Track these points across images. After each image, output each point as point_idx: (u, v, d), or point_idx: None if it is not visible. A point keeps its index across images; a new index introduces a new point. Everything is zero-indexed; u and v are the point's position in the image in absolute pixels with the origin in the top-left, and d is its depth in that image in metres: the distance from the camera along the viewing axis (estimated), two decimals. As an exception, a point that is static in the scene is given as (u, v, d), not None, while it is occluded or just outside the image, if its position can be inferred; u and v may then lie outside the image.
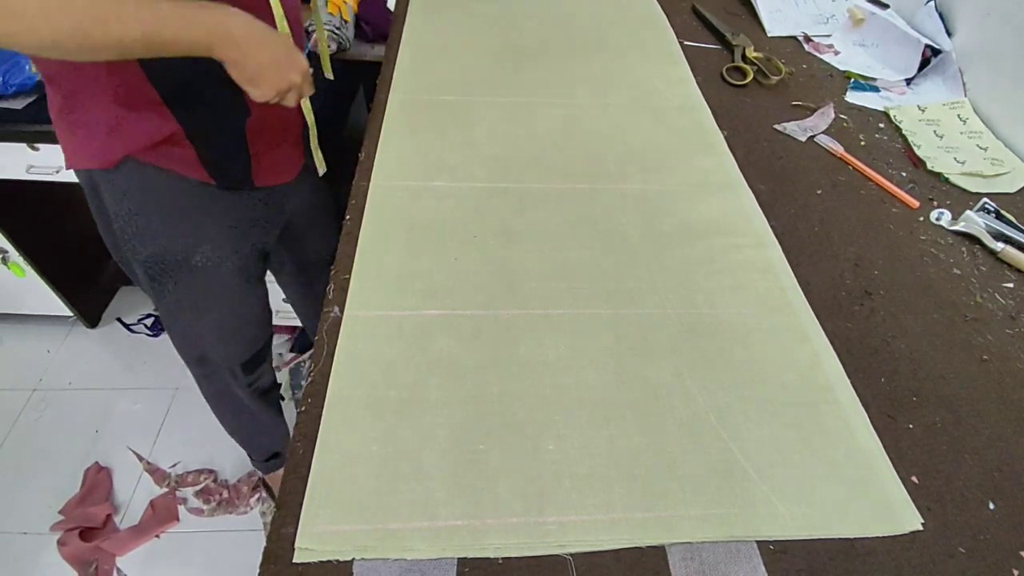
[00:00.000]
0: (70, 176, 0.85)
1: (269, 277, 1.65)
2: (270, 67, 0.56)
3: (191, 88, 0.61)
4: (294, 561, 0.38)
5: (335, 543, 0.39)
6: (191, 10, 0.51)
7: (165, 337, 1.48)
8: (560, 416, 0.46)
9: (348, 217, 0.60)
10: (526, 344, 0.50)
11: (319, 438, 0.44)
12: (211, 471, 1.24)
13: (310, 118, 0.72)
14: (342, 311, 0.51)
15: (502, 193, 0.64)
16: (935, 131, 0.78)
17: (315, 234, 0.93)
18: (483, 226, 0.60)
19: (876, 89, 0.86)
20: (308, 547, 0.38)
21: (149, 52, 0.51)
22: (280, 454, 1.09)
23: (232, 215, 0.72)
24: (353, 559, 0.38)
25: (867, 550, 0.41)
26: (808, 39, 0.95)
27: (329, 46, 1.34)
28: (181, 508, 1.18)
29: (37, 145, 1.03)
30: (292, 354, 1.73)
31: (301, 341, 1.84)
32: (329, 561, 0.38)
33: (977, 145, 0.76)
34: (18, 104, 0.98)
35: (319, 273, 0.99)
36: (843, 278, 0.59)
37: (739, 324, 0.53)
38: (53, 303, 1.37)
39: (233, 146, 0.68)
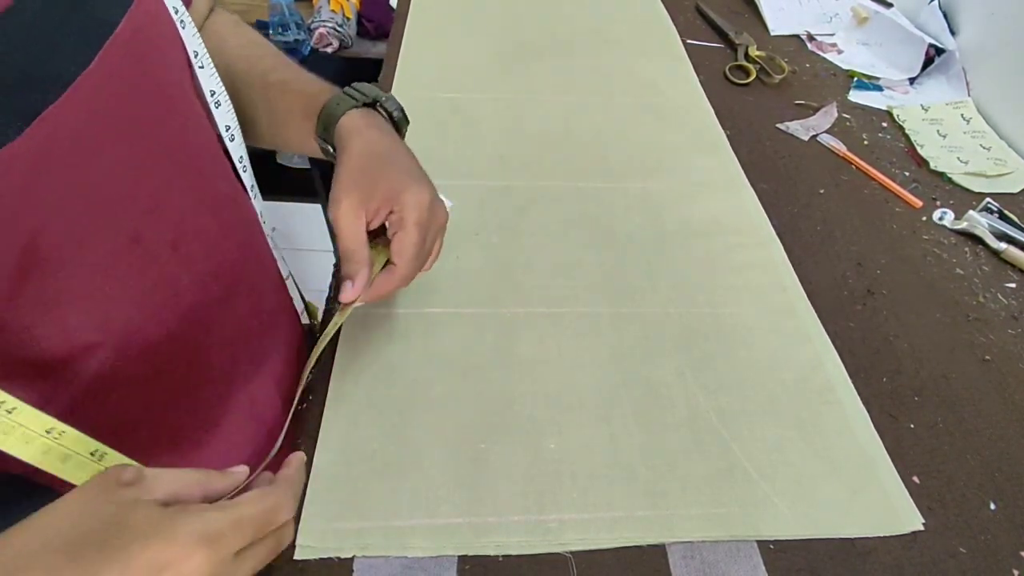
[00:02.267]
0: None
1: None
2: None
3: None
4: (295, 558, 0.38)
5: (336, 540, 0.39)
6: None
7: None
8: (561, 415, 0.46)
9: (350, 215, 0.60)
10: (528, 342, 0.50)
11: (320, 436, 0.44)
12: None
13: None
14: (344, 309, 0.51)
15: (504, 191, 0.64)
16: (938, 131, 0.78)
17: None
18: (485, 224, 0.60)
19: (879, 88, 0.86)
20: (309, 544, 0.38)
21: None
22: None
23: None
24: (354, 556, 0.38)
25: (868, 549, 0.41)
26: (811, 38, 0.95)
27: (331, 43, 1.34)
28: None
29: None
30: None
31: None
32: (330, 558, 0.38)
33: (980, 145, 0.76)
34: None
35: None
36: (845, 277, 0.59)
37: (741, 323, 0.53)
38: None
39: None
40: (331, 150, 0.45)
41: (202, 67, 0.40)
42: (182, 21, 0.38)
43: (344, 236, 0.40)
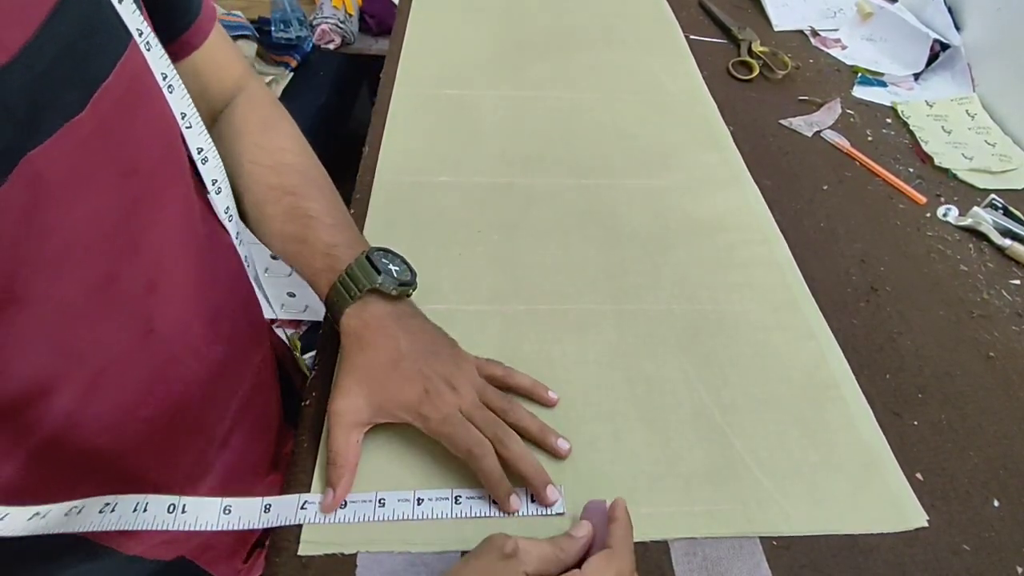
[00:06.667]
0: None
1: (281, 273, 1.63)
2: None
3: None
4: (299, 553, 0.38)
5: (340, 536, 0.39)
6: None
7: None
8: (564, 412, 0.46)
9: (352, 212, 0.60)
10: (530, 340, 0.50)
11: (324, 432, 0.44)
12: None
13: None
14: (346, 305, 0.51)
15: (506, 188, 0.64)
16: (943, 127, 0.78)
17: None
18: (487, 221, 0.60)
19: (883, 84, 0.85)
20: (313, 539, 0.39)
21: None
22: None
23: None
24: (357, 552, 0.38)
25: (871, 546, 0.41)
26: (815, 33, 0.94)
27: (333, 40, 1.34)
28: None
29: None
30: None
31: (306, 339, 1.83)
32: (334, 553, 0.38)
33: (985, 141, 0.76)
34: None
35: None
36: (849, 274, 0.59)
37: (744, 320, 0.53)
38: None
39: None
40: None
41: (189, 127, 0.41)
42: (171, 86, 0.38)
43: (333, 437, 0.41)
